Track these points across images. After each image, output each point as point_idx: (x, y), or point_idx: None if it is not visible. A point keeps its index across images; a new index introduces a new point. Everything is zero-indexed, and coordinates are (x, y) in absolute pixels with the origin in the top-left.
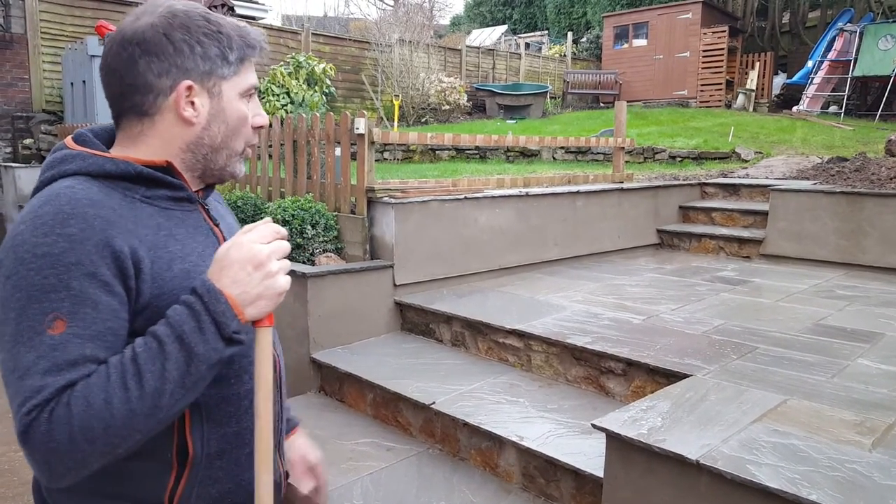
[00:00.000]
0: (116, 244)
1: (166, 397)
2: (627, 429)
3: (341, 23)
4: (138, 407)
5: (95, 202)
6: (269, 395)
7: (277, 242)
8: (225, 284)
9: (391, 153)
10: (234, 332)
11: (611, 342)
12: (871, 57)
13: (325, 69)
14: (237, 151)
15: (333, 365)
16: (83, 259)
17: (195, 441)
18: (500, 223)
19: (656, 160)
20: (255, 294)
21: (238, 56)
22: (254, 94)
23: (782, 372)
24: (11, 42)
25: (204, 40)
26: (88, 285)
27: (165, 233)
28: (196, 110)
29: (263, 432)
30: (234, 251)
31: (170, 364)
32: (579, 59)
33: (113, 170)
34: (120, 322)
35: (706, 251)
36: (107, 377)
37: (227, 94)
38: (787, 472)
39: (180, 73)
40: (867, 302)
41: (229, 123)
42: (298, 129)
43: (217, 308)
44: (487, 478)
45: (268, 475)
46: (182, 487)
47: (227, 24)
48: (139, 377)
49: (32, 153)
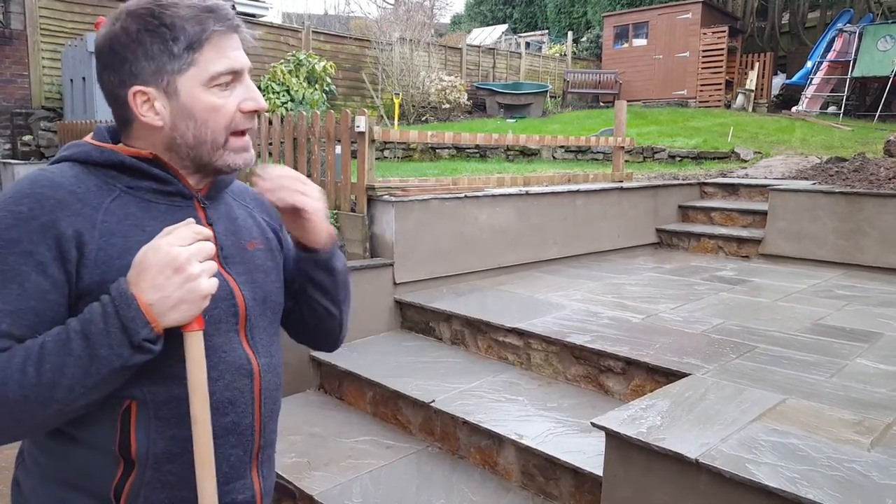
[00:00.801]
0: (61, 227)
1: (62, 391)
2: (627, 427)
3: (342, 21)
4: (32, 394)
5: (55, 184)
6: (205, 400)
7: (198, 244)
8: (142, 289)
9: (391, 151)
10: (145, 340)
11: (610, 341)
12: (870, 58)
13: (325, 67)
14: (219, 143)
15: (333, 363)
16: (23, 237)
17: (139, 438)
18: (500, 222)
19: (656, 160)
20: (175, 298)
21: (187, 44)
22: (234, 77)
23: (781, 371)
24: (11, 38)
25: (145, 38)
26: (22, 263)
27: (132, 223)
28: (158, 113)
29: (202, 438)
30: (150, 255)
31: (70, 360)
32: (579, 59)
33: (98, 157)
34: (47, 303)
35: (705, 251)
36: (11, 357)
37: (185, 89)
38: (786, 472)
39: (130, 79)
40: (866, 302)
41: (197, 118)
42: (299, 126)
43: (127, 313)
44: (487, 476)
45: (209, 481)
46: (129, 486)
47: (177, 12)
48: (39, 365)
49: (31, 150)
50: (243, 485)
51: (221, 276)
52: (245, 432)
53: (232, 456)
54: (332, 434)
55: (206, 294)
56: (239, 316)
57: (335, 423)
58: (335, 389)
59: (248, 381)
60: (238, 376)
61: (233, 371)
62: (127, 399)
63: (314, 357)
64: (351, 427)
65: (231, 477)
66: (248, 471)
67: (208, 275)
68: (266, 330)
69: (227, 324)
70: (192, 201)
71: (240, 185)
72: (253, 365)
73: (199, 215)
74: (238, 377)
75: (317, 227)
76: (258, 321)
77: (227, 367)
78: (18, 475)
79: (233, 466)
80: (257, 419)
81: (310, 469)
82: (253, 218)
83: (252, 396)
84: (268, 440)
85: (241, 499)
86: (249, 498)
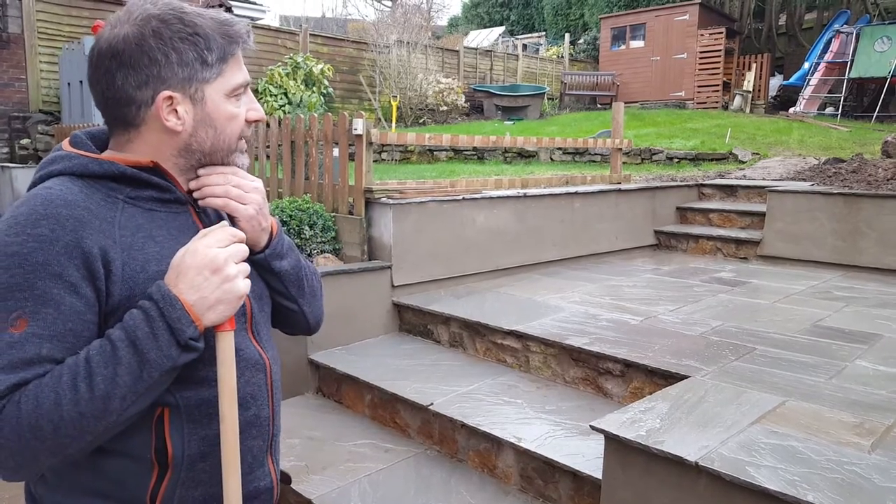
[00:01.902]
0: (86, 245)
1: (116, 401)
2: (626, 430)
3: (339, 24)
4: (87, 409)
5: (70, 202)
6: (234, 399)
7: (235, 246)
8: (182, 290)
9: (389, 154)
10: (191, 339)
11: (609, 343)
12: (867, 58)
13: (322, 70)
14: (231, 150)
15: (331, 366)
16: (51, 259)
17: (175, 442)
18: (498, 224)
19: (654, 161)
20: (213, 299)
21: (218, 56)
22: (245, 89)
23: (780, 373)
24: (8, 42)
25: (179, 46)
26: (53, 286)
27: (144, 234)
28: (180, 118)
29: (228, 436)
30: (189, 256)
31: (121, 369)
32: (577, 61)
33: (97, 170)
34: (83, 324)
35: (704, 252)
36: (59, 378)
37: (211, 98)
38: (785, 474)
39: (158, 83)
40: (865, 303)
41: (217, 127)
42: (296, 129)
43: (172, 314)
44: (485, 479)
45: (235, 479)
46: (164, 488)
47: (205, 23)
48: (90, 380)
49: (29, 153)
50: (263, 472)
51: None
52: (263, 423)
53: (254, 447)
54: (330, 437)
55: (242, 294)
56: (247, 315)
57: (333, 426)
58: (333, 392)
59: (262, 375)
60: (255, 371)
61: (251, 367)
62: (160, 406)
63: (312, 360)
64: (349, 430)
65: (254, 466)
66: (266, 458)
67: (243, 276)
68: (265, 325)
69: (239, 323)
70: (188, 207)
71: None
72: (264, 359)
73: (194, 220)
74: (255, 372)
75: (247, 232)
76: (259, 318)
77: (245, 365)
78: (35, 490)
79: (255, 457)
80: (271, 409)
81: (308, 473)
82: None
83: (267, 389)
84: (278, 428)
85: (262, 485)
86: (269, 484)
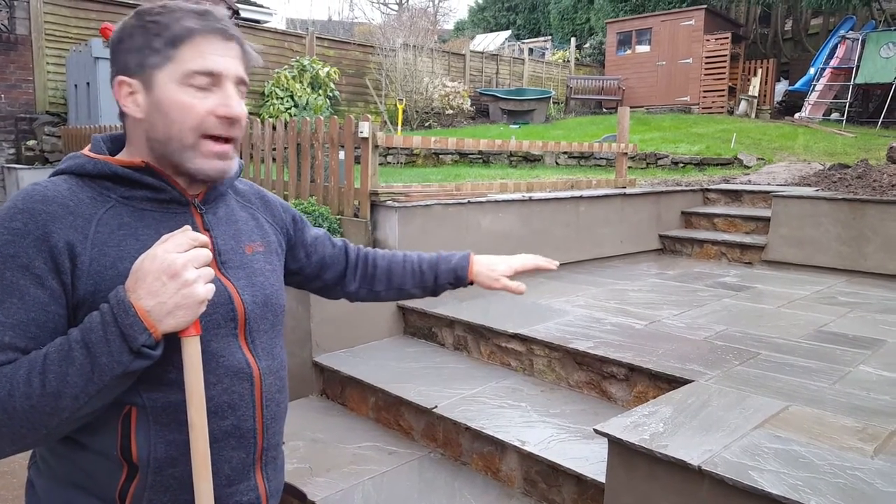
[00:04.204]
0: (53, 239)
1: (67, 400)
2: (629, 434)
3: (345, 27)
4: (38, 404)
5: (47, 198)
6: (202, 405)
7: (194, 251)
8: (139, 296)
9: (394, 157)
10: (144, 346)
11: (613, 347)
12: (872, 64)
13: (329, 73)
14: (185, 144)
15: (335, 368)
16: (20, 252)
17: (140, 443)
18: (503, 228)
19: (659, 166)
20: (172, 304)
21: (167, 40)
22: (213, 80)
23: (784, 378)
24: (16, 44)
25: (133, 32)
26: (20, 277)
27: (126, 232)
28: (138, 105)
29: (198, 443)
30: (147, 261)
31: (73, 369)
32: (582, 65)
33: (91, 169)
34: (47, 314)
35: (708, 257)
36: (17, 370)
37: (160, 84)
38: (788, 479)
39: (118, 71)
40: (869, 308)
41: (166, 114)
42: (302, 132)
43: (125, 320)
44: (489, 482)
45: (205, 485)
46: (133, 489)
47: (174, 13)
48: (43, 376)
49: (35, 154)
50: (247, 486)
51: (219, 282)
52: (246, 435)
53: (234, 459)
54: (334, 440)
55: (202, 300)
56: (238, 320)
57: (337, 428)
58: (337, 395)
59: (247, 385)
60: (237, 380)
61: (231, 375)
62: (127, 405)
63: (317, 362)
64: (353, 433)
65: (234, 479)
66: (252, 473)
67: (204, 280)
68: (267, 333)
69: (225, 328)
70: (189, 207)
71: (245, 184)
72: (253, 368)
73: (195, 221)
74: (237, 381)
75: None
76: (259, 324)
77: (224, 372)
78: (32, 477)
79: (235, 469)
80: (259, 422)
81: (312, 475)
82: (255, 220)
83: (252, 400)
84: (271, 442)
85: (245, 500)
86: (254, 500)
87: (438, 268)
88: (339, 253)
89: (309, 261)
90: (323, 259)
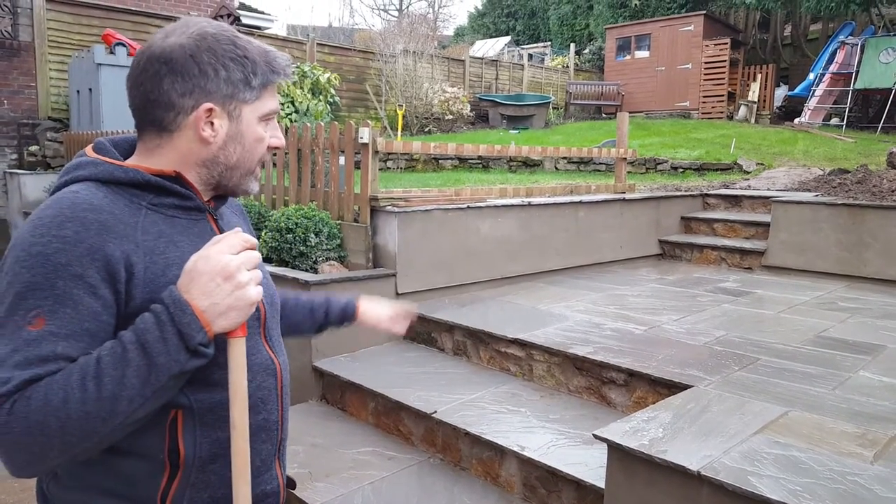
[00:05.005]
0: (109, 248)
1: (124, 403)
2: (629, 440)
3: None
4: (94, 409)
5: (95, 207)
6: (245, 405)
7: (246, 253)
8: (194, 296)
9: (395, 162)
10: (200, 345)
11: (613, 352)
12: (872, 70)
13: (329, 79)
14: (251, 171)
15: (335, 373)
16: (73, 260)
17: (187, 444)
18: (503, 233)
19: (658, 171)
20: (225, 305)
21: (261, 81)
22: (273, 117)
23: (784, 383)
24: (19, 50)
25: (229, 64)
26: (73, 286)
27: (166, 239)
28: (214, 131)
29: (239, 443)
30: (202, 263)
31: (130, 371)
32: (582, 71)
33: (122, 177)
34: (99, 325)
35: (708, 262)
36: (69, 376)
37: (246, 118)
38: (788, 484)
39: (203, 95)
40: (869, 314)
41: (245, 146)
42: (303, 138)
43: (182, 319)
44: (488, 488)
45: (245, 486)
46: (174, 489)
47: (254, 49)
48: (98, 380)
49: (38, 160)
50: (270, 476)
51: None
52: (272, 428)
53: (263, 451)
54: (333, 445)
55: (253, 301)
56: (261, 319)
57: (337, 433)
58: (337, 400)
59: (273, 380)
60: (266, 376)
61: (262, 371)
62: (173, 408)
63: (317, 367)
64: (353, 438)
65: (262, 470)
66: (274, 463)
67: (255, 283)
68: (276, 329)
69: (252, 328)
70: (206, 214)
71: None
72: (275, 364)
73: (213, 227)
74: (266, 377)
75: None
76: (272, 322)
77: (258, 369)
78: (48, 489)
79: (263, 461)
80: (280, 414)
81: (311, 480)
82: (247, 224)
83: (277, 393)
84: (286, 433)
85: (269, 489)
86: (276, 487)
87: (329, 307)
88: None
89: None
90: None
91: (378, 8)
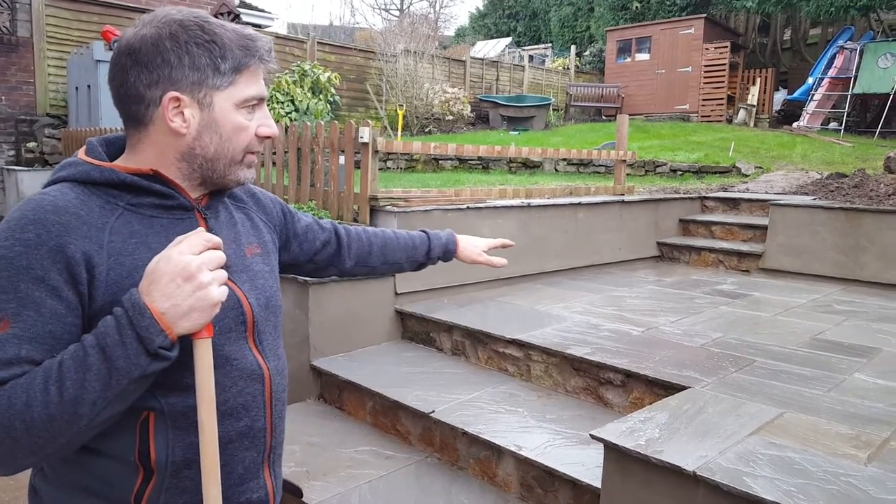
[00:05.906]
0: (70, 250)
1: (86, 406)
2: (625, 440)
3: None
4: (57, 412)
5: (59, 208)
6: (212, 407)
7: (209, 253)
8: (154, 298)
9: (394, 162)
10: (161, 348)
11: (610, 353)
12: (870, 75)
13: (329, 78)
14: (235, 160)
15: (333, 372)
16: (34, 263)
17: (158, 447)
18: (502, 234)
19: (657, 173)
20: (186, 307)
21: (233, 66)
22: (258, 104)
23: (780, 385)
24: (17, 46)
25: (194, 50)
26: (35, 289)
27: (138, 240)
28: (185, 121)
29: (208, 446)
30: (162, 263)
31: (91, 375)
32: (582, 73)
33: (98, 177)
34: (63, 326)
35: (706, 264)
36: (32, 380)
37: (219, 105)
38: (782, 485)
39: (168, 84)
40: (865, 317)
41: (222, 134)
42: (303, 137)
43: (141, 323)
44: (486, 487)
45: (214, 488)
46: (149, 492)
47: (225, 33)
48: (60, 384)
49: (35, 156)
50: (257, 484)
51: (228, 286)
52: (258, 435)
53: (246, 458)
54: (331, 444)
55: (216, 302)
56: (247, 323)
57: (335, 432)
58: (335, 399)
59: (259, 386)
60: (250, 382)
61: (245, 377)
62: (145, 410)
63: (315, 366)
64: (350, 437)
65: (245, 478)
66: (261, 471)
67: (219, 283)
68: (271, 333)
69: (236, 332)
70: (193, 213)
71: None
72: (263, 369)
73: (200, 226)
74: (250, 383)
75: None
76: (264, 326)
77: (239, 374)
78: (36, 483)
79: (247, 468)
80: (269, 421)
81: (308, 479)
82: (251, 220)
83: (263, 400)
84: (278, 440)
85: (255, 498)
86: (263, 497)
87: (430, 243)
88: (329, 236)
89: (301, 249)
90: (314, 245)
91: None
